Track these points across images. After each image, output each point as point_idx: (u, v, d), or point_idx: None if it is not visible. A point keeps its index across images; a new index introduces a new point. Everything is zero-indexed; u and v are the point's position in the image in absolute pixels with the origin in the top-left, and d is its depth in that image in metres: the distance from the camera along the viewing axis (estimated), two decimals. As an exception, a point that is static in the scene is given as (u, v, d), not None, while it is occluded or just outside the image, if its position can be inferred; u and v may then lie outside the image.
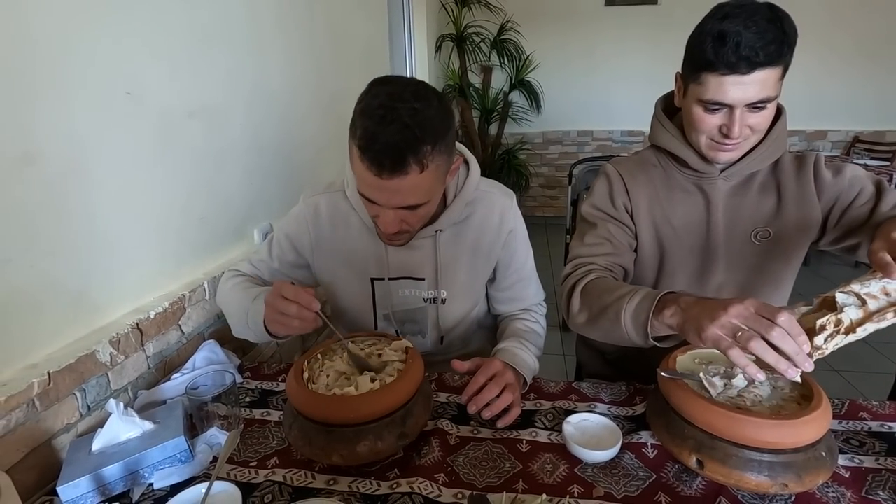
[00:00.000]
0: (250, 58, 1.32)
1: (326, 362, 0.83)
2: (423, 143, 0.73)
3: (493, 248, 1.01)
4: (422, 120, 0.73)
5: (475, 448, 0.78)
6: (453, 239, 0.99)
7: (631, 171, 1.02)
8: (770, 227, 0.95)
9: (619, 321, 0.79)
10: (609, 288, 0.85)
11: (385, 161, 0.73)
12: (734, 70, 0.79)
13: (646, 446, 0.76)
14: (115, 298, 0.92)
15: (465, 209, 0.97)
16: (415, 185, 0.77)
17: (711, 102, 0.83)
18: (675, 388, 0.71)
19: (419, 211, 0.84)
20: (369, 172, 0.75)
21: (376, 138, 0.72)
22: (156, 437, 0.75)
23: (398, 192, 0.77)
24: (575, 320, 0.90)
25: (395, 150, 0.72)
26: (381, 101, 0.74)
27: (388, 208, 0.81)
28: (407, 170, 0.74)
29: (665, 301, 0.74)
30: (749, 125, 0.84)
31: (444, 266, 0.99)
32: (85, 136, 0.84)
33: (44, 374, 0.74)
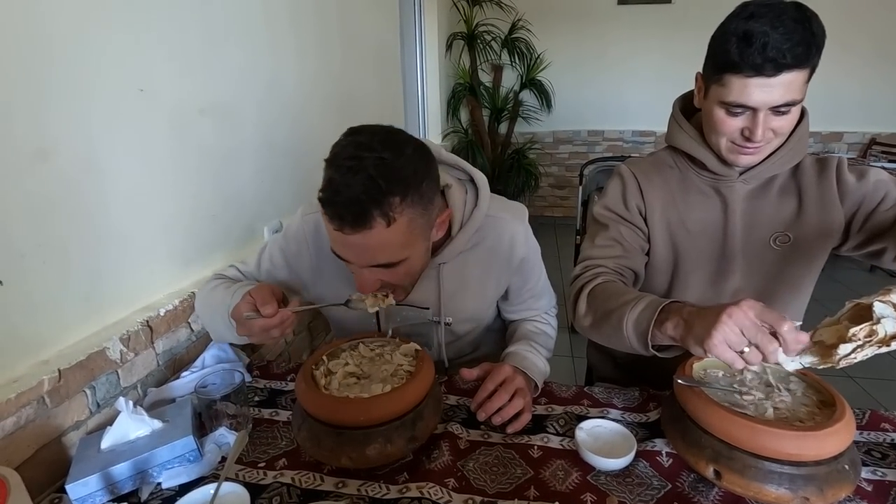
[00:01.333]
0: (263, 56, 1.32)
1: (334, 362, 0.82)
2: (389, 194, 0.67)
3: (503, 275, 0.97)
4: (389, 170, 0.67)
5: (486, 453, 0.77)
6: (458, 269, 0.93)
7: (646, 173, 1.00)
8: (790, 232, 0.93)
9: (621, 328, 0.78)
10: (615, 293, 0.84)
11: (346, 215, 0.67)
12: (759, 72, 0.76)
13: (660, 454, 0.75)
14: (125, 295, 0.92)
15: (473, 237, 0.91)
16: (383, 241, 0.70)
17: (734, 105, 0.81)
18: (692, 395, 0.69)
19: (398, 269, 0.77)
20: (331, 226, 0.70)
21: (338, 190, 0.67)
22: (165, 436, 0.74)
23: (366, 248, 0.72)
24: (580, 323, 0.89)
25: (356, 202, 0.66)
26: (349, 151, 0.69)
27: (361, 266, 0.75)
28: (371, 224, 0.68)
29: (668, 311, 0.72)
30: (772, 128, 0.82)
31: (448, 297, 0.95)
32: (98, 133, 0.84)
33: (54, 370, 0.74)
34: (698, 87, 0.92)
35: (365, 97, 2.06)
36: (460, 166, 0.95)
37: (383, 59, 2.33)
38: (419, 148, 0.74)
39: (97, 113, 0.83)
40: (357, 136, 0.71)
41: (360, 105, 2.00)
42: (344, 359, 0.82)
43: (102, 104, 0.84)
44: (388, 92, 2.39)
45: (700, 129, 0.94)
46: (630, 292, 0.81)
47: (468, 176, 0.95)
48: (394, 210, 0.69)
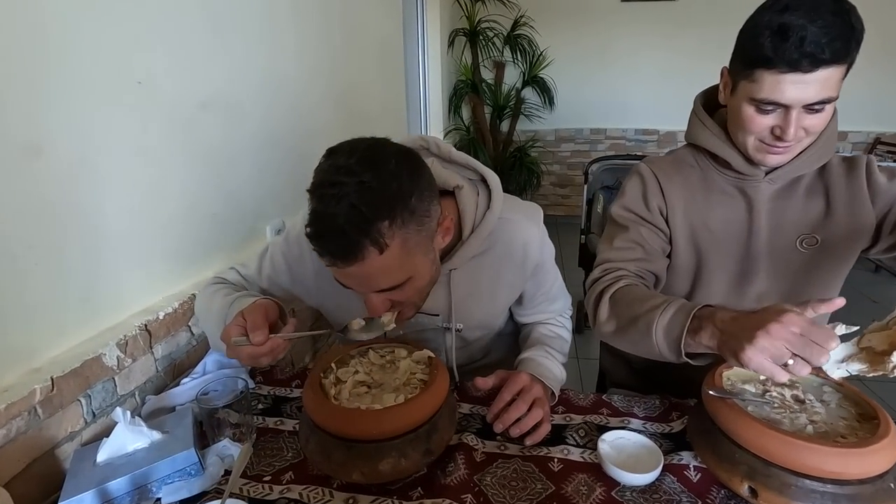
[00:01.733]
0: (264, 48, 1.27)
1: (343, 370, 0.78)
2: (376, 220, 0.63)
3: (516, 281, 0.93)
4: (372, 195, 0.62)
5: (503, 466, 0.73)
6: (470, 274, 0.88)
7: (666, 172, 0.96)
8: (817, 234, 0.89)
9: (649, 334, 0.74)
10: (640, 297, 0.80)
11: (334, 250, 0.64)
12: (795, 68, 0.72)
13: (688, 468, 0.71)
14: (122, 298, 0.88)
15: (485, 241, 0.86)
16: (380, 268, 0.66)
17: (765, 102, 0.77)
18: (724, 407, 0.66)
19: (405, 288, 0.73)
20: (323, 261, 0.67)
21: (322, 224, 0.63)
22: (164, 449, 0.70)
23: (364, 278, 0.68)
24: (602, 329, 0.85)
25: (342, 235, 0.62)
26: (328, 177, 0.64)
27: (369, 292, 0.71)
28: (362, 255, 0.63)
29: (700, 317, 0.69)
30: (804, 127, 0.78)
31: (458, 303, 0.90)
32: (93, 127, 0.79)
33: (47, 379, 0.70)
34: (724, 82, 0.88)
35: (368, 93, 2.02)
36: (471, 166, 0.90)
37: (386, 54, 2.29)
38: (403, 159, 0.68)
39: (93, 106, 0.79)
40: (335, 157, 0.66)
41: (363, 101, 1.96)
42: (353, 366, 0.78)
43: (98, 97, 0.80)
44: (390, 88, 2.34)
45: (724, 126, 0.90)
46: (656, 296, 0.78)
47: (479, 176, 0.91)
48: (384, 236, 0.64)
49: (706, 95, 0.98)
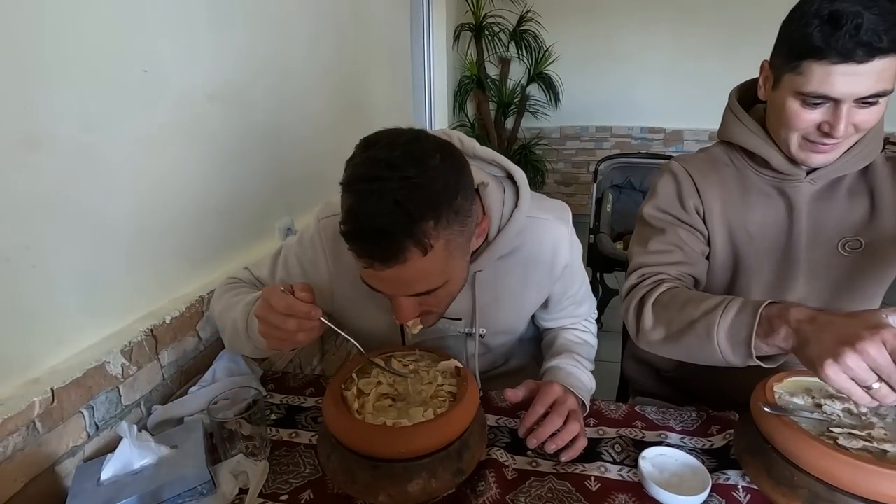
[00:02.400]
0: (273, 40, 1.22)
1: (364, 381, 0.73)
2: (421, 220, 0.58)
3: (544, 283, 0.87)
4: (417, 191, 0.57)
5: (537, 485, 0.68)
6: (496, 276, 0.83)
7: (701, 170, 0.91)
8: (861, 237, 0.84)
9: (710, 339, 0.68)
10: (690, 299, 0.75)
11: (375, 251, 0.59)
12: (848, 58, 0.67)
13: (736, 489, 0.66)
14: (126, 302, 0.82)
15: (513, 240, 0.80)
16: (420, 271, 0.61)
17: (814, 96, 0.72)
18: (780, 425, 0.61)
19: (439, 293, 0.68)
20: (360, 262, 0.62)
21: (362, 223, 0.58)
22: (174, 466, 0.65)
23: (401, 282, 0.63)
24: (648, 338, 0.79)
25: (385, 235, 0.57)
26: (367, 171, 0.59)
27: (403, 296, 0.67)
28: (405, 257, 0.59)
29: (770, 317, 0.63)
30: (855, 123, 0.73)
31: (483, 307, 0.85)
32: (96, 118, 0.74)
33: (46, 390, 0.65)
34: (765, 77, 0.83)
35: (375, 89, 1.96)
36: (497, 161, 0.85)
37: (394, 49, 2.23)
38: (447, 154, 0.63)
39: (95, 95, 0.74)
40: (373, 150, 0.61)
41: (371, 97, 1.90)
42: (375, 377, 0.73)
43: (101, 85, 0.75)
44: (397, 84, 2.29)
45: (762, 122, 0.85)
46: (709, 297, 0.72)
47: (505, 172, 0.85)
48: (429, 237, 0.59)
49: (741, 90, 0.93)
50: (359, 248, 0.60)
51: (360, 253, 0.60)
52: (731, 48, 3.92)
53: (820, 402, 0.67)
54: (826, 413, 0.65)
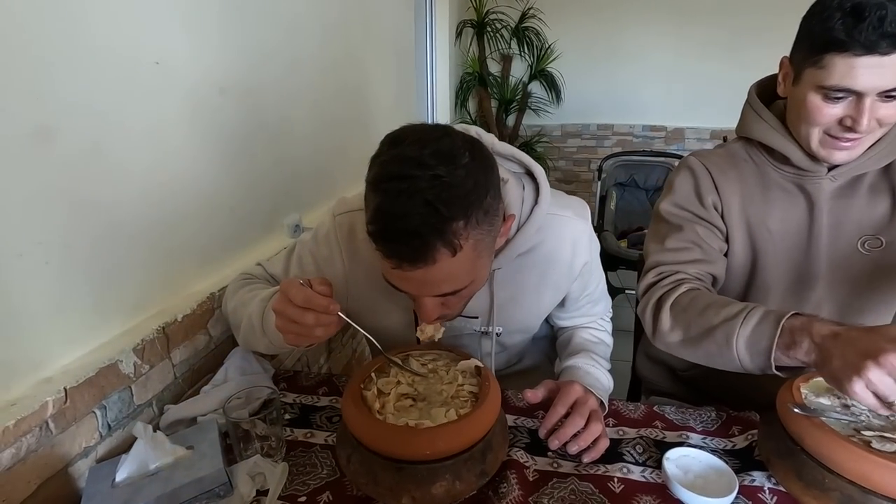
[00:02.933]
0: (283, 35, 1.20)
1: (383, 380, 0.71)
2: (452, 221, 0.56)
3: (562, 281, 0.86)
4: (447, 191, 0.56)
5: (559, 486, 0.67)
6: (514, 274, 0.82)
7: (719, 166, 0.90)
8: (882, 236, 0.83)
9: (729, 347, 0.68)
10: (711, 304, 0.74)
11: (404, 252, 0.58)
12: (872, 50, 0.66)
13: (762, 491, 0.65)
14: (138, 299, 0.81)
15: (532, 237, 0.79)
16: (449, 272, 0.61)
17: (836, 89, 0.71)
18: (811, 426, 0.60)
19: (463, 293, 0.67)
20: (387, 263, 0.60)
21: (389, 223, 0.57)
22: (190, 467, 0.64)
23: (429, 282, 0.62)
24: (665, 339, 0.78)
25: (415, 236, 0.56)
26: (395, 169, 0.57)
27: (427, 296, 0.66)
28: (435, 257, 0.57)
29: (793, 329, 0.63)
30: (878, 118, 0.72)
31: (500, 306, 0.84)
32: (107, 110, 0.72)
33: (60, 390, 0.63)
34: (784, 72, 0.82)
35: (382, 85, 1.94)
36: (517, 158, 0.84)
37: (398, 46, 2.21)
38: (477, 151, 0.61)
39: (107, 87, 0.72)
40: (401, 147, 0.59)
41: (377, 93, 1.88)
42: (395, 376, 0.72)
43: (113, 77, 0.73)
44: (402, 80, 2.26)
45: (781, 118, 0.84)
46: (730, 303, 0.72)
47: (524, 169, 0.84)
48: (458, 237, 0.58)
49: (760, 86, 0.92)
50: (387, 249, 0.59)
51: (388, 253, 0.59)
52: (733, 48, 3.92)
53: (847, 403, 0.66)
54: (854, 414, 0.64)
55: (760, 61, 0.83)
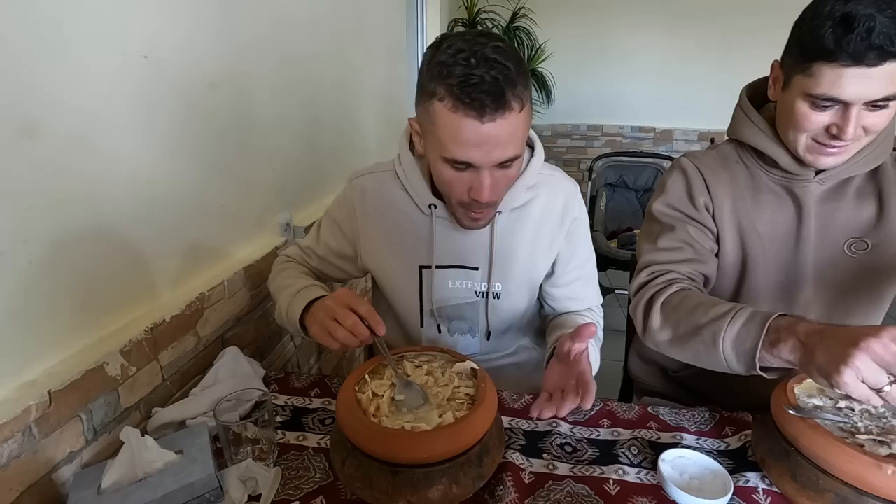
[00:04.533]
0: (274, 30, 1.18)
1: (377, 382, 0.70)
2: (517, 78, 0.68)
3: (556, 237, 0.91)
4: (509, 56, 0.68)
5: (555, 488, 0.67)
6: (511, 226, 0.89)
7: (711, 167, 0.91)
8: (867, 239, 0.84)
9: (715, 346, 0.68)
10: (700, 303, 0.74)
11: (487, 100, 0.66)
12: (859, 61, 0.67)
13: (756, 491, 0.65)
14: (125, 299, 0.78)
15: (526, 193, 0.88)
16: (515, 128, 0.70)
17: (824, 98, 0.71)
18: (805, 427, 0.60)
19: (510, 171, 0.76)
20: (468, 119, 0.67)
21: (470, 79, 0.66)
22: (180, 472, 0.62)
23: (499, 140, 0.70)
24: (655, 338, 0.79)
25: (494, 85, 0.66)
26: (459, 46, 0.68)
27: (486, 168, 0.72)
28: (511, 105, 0.67)
29: (778, 329, 0.63)
30: (864, 126, 0.73)
31: (499, 256, 0.88)
32: (94, 105, 0.70)
33: (43, 393, 0.61)
34: (775, 77, 0.82)
35: (372, 80, 1.92)
36: None
37: (389, 43, 2.19)
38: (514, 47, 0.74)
39: (94, 81, 0.70)
40: (456, 37, 0.70)
41: (369, 87, 1.87)
42: (388, 378, 0.71)
43: (100, 71, 0.71)
44: (392, 77, 2.25)
45: (771, 122, 0.85)
46: (719, 303, 0.72)
47: None
48: (522, 95, 0.69)
49: (752, 89, 0.92)
50: (472, 99, 0.66)
51: (472, 102, 0.66)
52: (722, 51, 3.97)
53: (840, 406, 0.67)
54: (847, 415, 0.65)
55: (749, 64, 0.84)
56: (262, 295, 1.12)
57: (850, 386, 0.54)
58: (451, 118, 0.68)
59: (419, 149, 0.82)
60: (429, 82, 0.70)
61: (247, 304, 1.06)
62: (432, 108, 0.70)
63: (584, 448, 0.74)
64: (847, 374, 0.53)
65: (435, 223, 0.87)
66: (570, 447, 0.74)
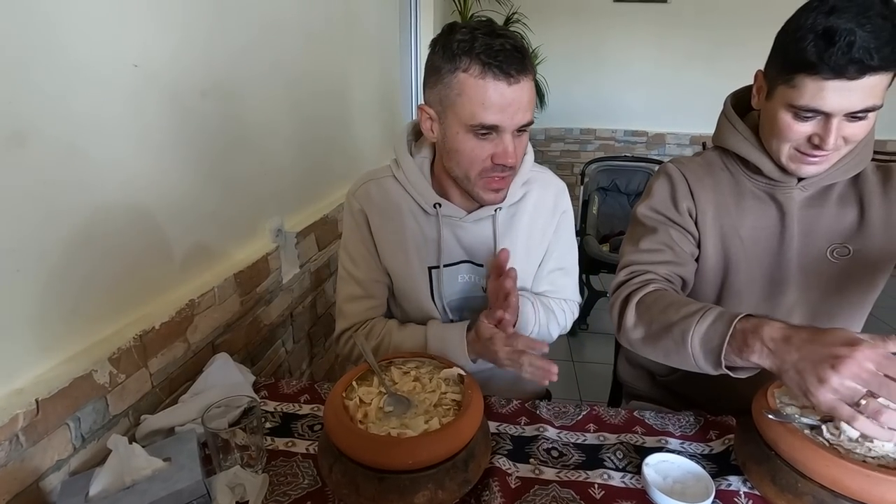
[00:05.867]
0: (266, 36, 1.18)
1: (365, 389, 0.71)
2: (527, 50, 0.77)
3: (547, 230, 0.97)
4: (514, 34, 0.77)
5: (541, 493, 0.68)
6: (509, 221, 0.94)
7: (696, 173, 0.92)
8: (849, 244, 0.86)
9: (684, 344, 0.70)
10: (673, 303, 0.76)
11: (513, 62, 0.74)
12: (840, 74, 0.68)
13: (738, 495, 0.67)
14: (113, 307, 0.79)
15: (520, 189, 0.93)
16: (531, 92, 0.78)
17: (806, 109, 0.73)
18: (785, 432, 0.61)
19: (524, 137, 0.83)
20: (496, 83, 0.74)
21: (493, 47, 0.73)
22: (168, 480, 0.62)
23: (521, 103, 0.76)
24: (628, 336, 0.80)
25: (515, 50, 0.74)
26: (475, 26, 0.75)
27: (508, 132, 0.78)
28: (528, 70, 0.76)
29: (745, 331, 0.64)
30: (845, 136, 0.75)
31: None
32: (84, 114, 0.71)
33: (31, 401, 0.61)
34: (758, 86, 0.84)
35: (364, 86, 1.93)
36: None
37: (382, 47, 2.20)
38: None
39: (84, 90, 0.70)
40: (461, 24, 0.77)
41: (359, 95, 1.87)
42: (376, 386, 0.71)
43: (90, 80, 0.71)
44: (385, 83, 2.26)
45: (755, 129, 0.87)
46: (691, 302, 0.73)
47: None
48: (531, 66, 0.77)
49: (737, 97, 0.94)
50: (500, 62, 0.73)
51: (501, 65, 0.73)
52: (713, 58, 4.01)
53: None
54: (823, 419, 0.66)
55: (740, 70, 0.86)
56: (253, 300, 1.13)
57: (829, 406, 0.56)
58: (479, 84, 0.74)
59: (431, 137, 0.85)
60: (448, 61, 0.75)
61: (237, 311, 1.06)
62: (455, 80, 0.76)
63: (570, 453, 0.75)
64: (824, 395, 0.55)
65: (441, 221, 0.91)
66: (557, 452, 0.75)
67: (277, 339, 1.25)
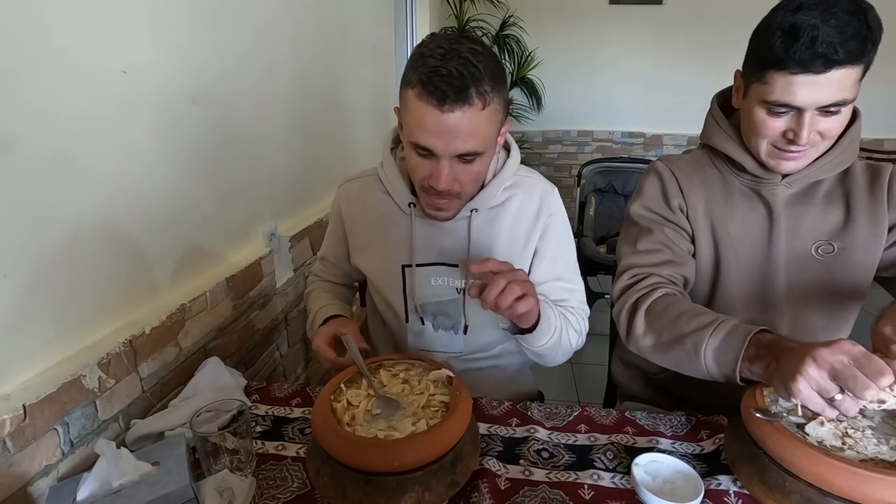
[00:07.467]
0: (257, 40, 1.19)
1: (353, 392, 0.71)
2: (484, 78, 0.72)
3: (531, 236, 0.93)
4: (482, 60, 0.72)
5: (531, 494, 0.68)
6: (488, 224, 0.92)
7: (685, 171, 0.93)
8: (834, 242, 0.86)
9: (697, 356, 0.70)
10: (684, 312, 0.76)
11: (448, 90, 0.70)
12: (807, 69, 0.70)
13: (728, 494, 0.66)
14: (103, 312, 0.79)
15: (503, 193, 0.91)
16: (475, 124, 0.73)
17: (777, 104, 0.74)
18: (773, 431, 0.61)
19: (473, 166, 0.79)
20: (430, 108, 0.72)
21: (439, 71, 0.70)
22: (156, 484, 0.62)
23: (458, 131, 0.73)
24: (638, 343, 0.80)
25: (458, 78, 0.70)
26: (440, 43, 0.73)
27: (445, 158, 0.76)
28: (470, 101, 0.71)
29: (759, 345, 0.65)
30: (819, 131, 0.75)
31: (476, 253, 0.91)
32: (72, 120, 0.71)
33: (18, 407, 0.61)
34: (737, 85, 0.85)
35: (359, 91, 1.94)
36: None
37: (377, 52, 2.21)
38: (497, 56, 0.78)
39: (71, 96, 0.70)
40: (437, 38, 0.75)
41: (353, 100, 1.88)
42: (365, 388, 0.71)
43: (78, 86, 0.71)
44: (380, 87, 2.26)
45: (739, 128, 0.87)
46: (704, 313, 0.74)
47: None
48: (487, 95, 0.73)
49: (723, 96, 0.94)
50: (434, 88, 0.70)
51: (434, 91, 0.70)
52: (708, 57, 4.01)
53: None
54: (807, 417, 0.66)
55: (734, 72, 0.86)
56: (246, 305, 1.13)
57: (804, 395, 0.56)
58: (418, 105, 0.73)
59: (402, 138, 0.85)
60: (407, 71, 0.75)
61: (230, 315, 1.06)
62: (406, 94, 0.75)
63: (560, 454, 0.75)
64: (800, 383, 0.56)
65: (414, 222, 0.90)
66: (548, 453, 0.75)
67: (272, 343, 1.25)
